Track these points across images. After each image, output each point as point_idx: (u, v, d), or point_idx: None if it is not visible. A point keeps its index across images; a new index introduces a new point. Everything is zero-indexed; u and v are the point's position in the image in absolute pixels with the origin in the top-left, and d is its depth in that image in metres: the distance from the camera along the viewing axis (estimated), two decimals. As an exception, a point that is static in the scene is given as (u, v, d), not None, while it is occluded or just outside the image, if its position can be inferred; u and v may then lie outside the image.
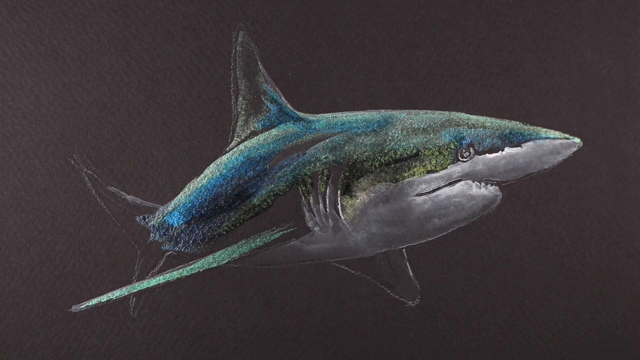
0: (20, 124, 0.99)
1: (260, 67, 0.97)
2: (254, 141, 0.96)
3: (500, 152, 0.88)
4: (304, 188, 0.91)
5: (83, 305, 0.96)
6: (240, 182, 0.93)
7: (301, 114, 0.96)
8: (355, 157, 0.90)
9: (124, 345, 0.99)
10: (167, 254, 0.98)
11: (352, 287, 0.99)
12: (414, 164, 0.88)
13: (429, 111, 0.94)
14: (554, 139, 0.89)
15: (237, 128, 0.97)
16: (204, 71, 0.99)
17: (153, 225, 0.98)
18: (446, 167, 0.88)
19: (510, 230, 1.00)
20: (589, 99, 1.01)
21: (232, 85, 0.98)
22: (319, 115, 0.96)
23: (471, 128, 0.89)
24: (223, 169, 0.95)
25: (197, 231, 0.95)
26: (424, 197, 0.88)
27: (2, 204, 0.98)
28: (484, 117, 0.92)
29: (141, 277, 0.98)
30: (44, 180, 0.99)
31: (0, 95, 0.99)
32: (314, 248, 0.93)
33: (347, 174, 0.89)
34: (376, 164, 0.89)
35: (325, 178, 0.90)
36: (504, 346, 1.01)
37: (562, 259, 1.01)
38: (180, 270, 0.94)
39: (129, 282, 0.98)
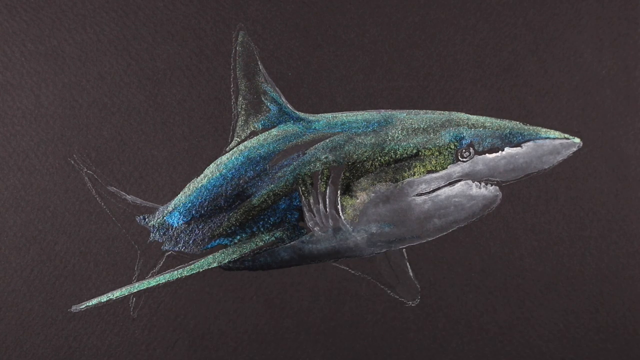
0: (20, 124, 0.99)
1: (260, 67, 0.97)
2: (254, 141, 0.95)
3: (500, 152, 0.88)
4: (303, 188, 0.90)
5: (83, 305, 0.95)
6: (240, 182, 0.93)
7: (301, 114, 0.96)
8: (355, 157, 0.90)
9: (124, 345, 0.99)
10: (167, 254, 0.98)
11: (352, 287, 0.99)
12: (414, 164, 0.88)
13: (429, 111, 0.94)
14: (554, 139, 0.89)
15: (237, 128, 0.97)
16: (204, 71, 0.99)
17: (153, 225, 0.98)
18: (446, 167, 0.88)
19: (510, 230, 1.00)
20: (589, 99, 1.01)
21: (232, 85, 0.97)
22: (319, 115, 0.96)
23: (471, 128, 0.89)
24: (223, 169, 0.95)
25: (197, 231, 0.95)
26: (424, 197, 0.88)
27: (2, 204, 0.98)
28: (484, 117, 0.91)
29: (141, 277, 0.98)
30: (44, 180, 0.99)
31: (0, 95, 0.99)
32: (314, 248, 0.93)
33: (347, 174, 0.89)
34: (376, 164, 0.89)
35: (325, 178, 0.90)
36: (504, 346, 1.01)
37: (562, 259, 1.01)
38: (180, 270, 0.94)
39: (129, 282, 0.98)
